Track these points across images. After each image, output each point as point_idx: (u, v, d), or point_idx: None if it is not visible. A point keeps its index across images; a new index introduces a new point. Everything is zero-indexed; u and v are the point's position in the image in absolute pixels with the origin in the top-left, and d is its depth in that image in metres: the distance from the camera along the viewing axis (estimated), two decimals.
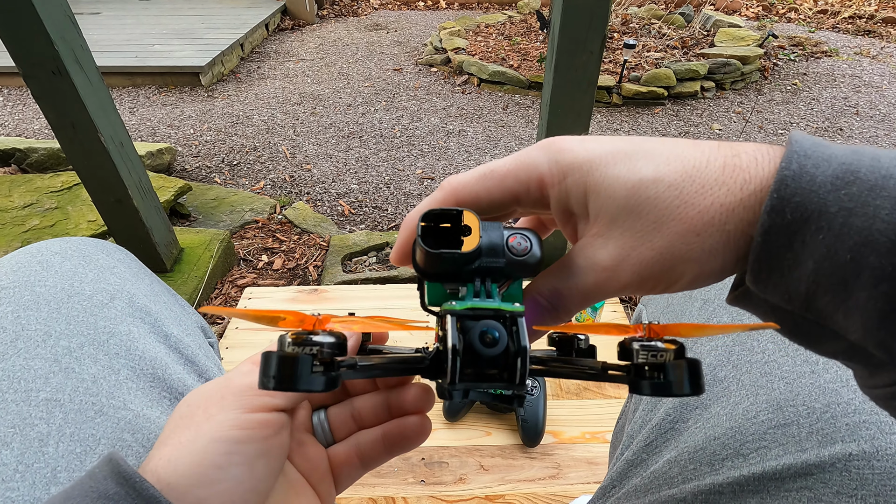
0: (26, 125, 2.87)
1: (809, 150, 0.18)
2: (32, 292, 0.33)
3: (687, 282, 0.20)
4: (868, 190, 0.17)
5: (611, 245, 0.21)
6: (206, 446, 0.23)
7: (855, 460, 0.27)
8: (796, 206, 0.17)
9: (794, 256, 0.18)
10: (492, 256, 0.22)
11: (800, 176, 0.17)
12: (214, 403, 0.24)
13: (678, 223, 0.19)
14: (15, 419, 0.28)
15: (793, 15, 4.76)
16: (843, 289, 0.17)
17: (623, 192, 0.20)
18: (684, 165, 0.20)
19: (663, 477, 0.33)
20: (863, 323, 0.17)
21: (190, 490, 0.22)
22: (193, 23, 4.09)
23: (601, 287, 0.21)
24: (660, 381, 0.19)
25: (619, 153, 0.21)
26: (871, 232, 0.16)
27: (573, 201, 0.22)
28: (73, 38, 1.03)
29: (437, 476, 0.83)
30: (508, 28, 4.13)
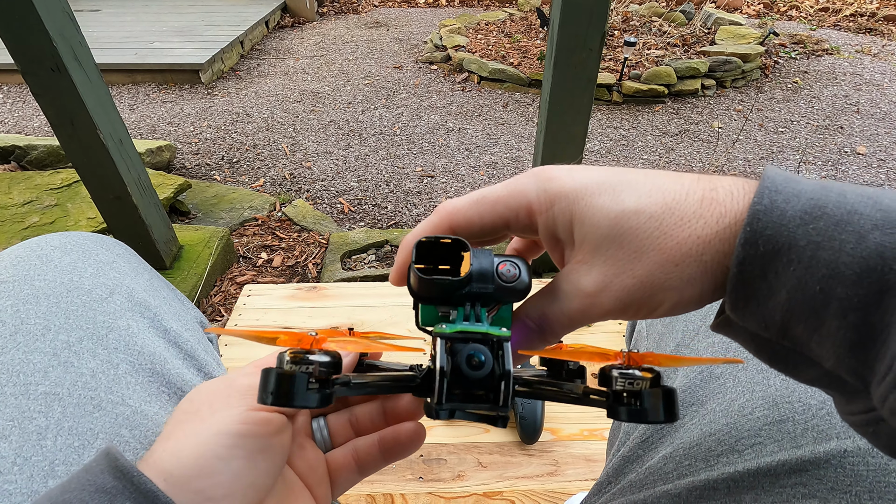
0: (26, 122, 2.87)
1: (780, 186, 0.19)
2: (32, 286, 0.33)
3: (667, 309, 0.21)
4: (834, 225, 0.17)
5: (594, 272, 0.22)
6: (210, 438, 0.23)
7: (850, 457, 0.27)
8: (768, 238, 0.18)
9: (768, 286, 0.19)
10: (482, 282, 0.23)
11: (771, 210, 0.18)
12: (220, 400, 0.25)
13: (658, 253, 0.20)
14: (14, 412, 0.28)
15: (794, 13, 4.76)
16: (815, 318, 0.18)
17: (606, 222, 0.21)
18: (664, 198, 0.21)
19: (658, 472, 0.33)
20: (835, 351, 0.18)
21: (192, 480, 0.22)
22: (193, 20, 4.09)
23: (585, 312, 0.22)
24: (636, 408, 0.20)
25: (604, 184, 0.22)
26: (838, 265, 0.17)
27: (560, 229, 0.23)
28: (71, 34, 1.03)
29: (435, 473, 0.83)
30: (509, 26, 4.12)
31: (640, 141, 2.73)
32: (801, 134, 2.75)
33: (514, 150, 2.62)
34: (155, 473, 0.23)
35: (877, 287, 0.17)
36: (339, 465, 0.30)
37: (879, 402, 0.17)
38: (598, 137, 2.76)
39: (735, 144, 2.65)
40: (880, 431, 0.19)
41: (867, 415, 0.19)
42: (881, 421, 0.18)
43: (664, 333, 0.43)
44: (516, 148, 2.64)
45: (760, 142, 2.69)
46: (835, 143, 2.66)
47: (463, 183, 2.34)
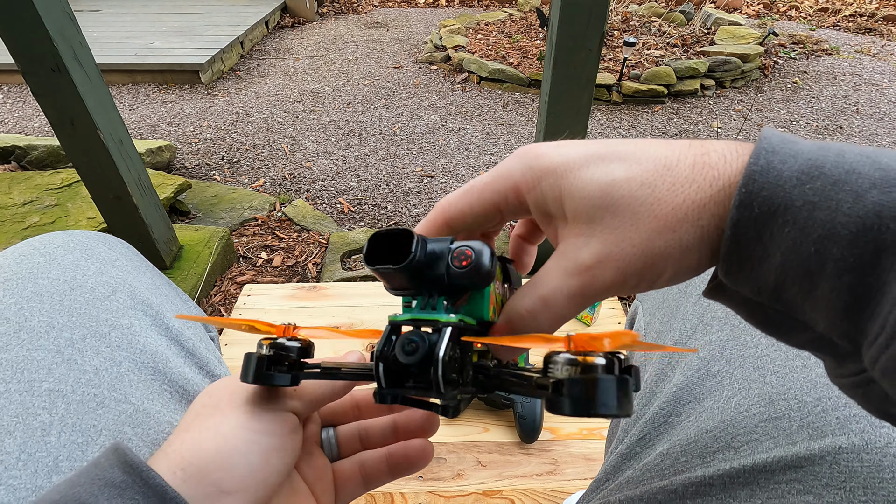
0: (26, 122, 2.87)
1: (777, 147, 0.18)
2: (35, 284, 0.33)
3: (668, 278, 0.21)
4: (832, 184, 0.17)
5: (593, 243, 0.21)
6: (231, 432, 0.24)
7: (844, 453, 0.27)
8: (763, 200, 0.18)
9: (762, 249, 0.18)
10: (433, 269, 0.22)
11: (767, 171, 0.18)
12: (240, 396, 0.26)
13: (654, 220, 0.20)
14: (18, 409, 0.28)
15: (793, 13, 4.76)
16: (808, 280, 0.18)
17: (597, 192, 0.21)
18: (655, 165, 0.20)
19: (655, 469, 0.33)
20: (827, 313, 0.18)
21: (210, 472, 0.23)
22: (193, 20, 4.09)
23: (587, 288, 0.21)
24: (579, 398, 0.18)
25: (592, 156, 0.22)
26: (834, 225, 0.17)
27: (550, 204, 0.22)
28: (72, 34, 1.03)
29: (434, 472, 0.83)
30: (509, 26, 4.12)
31: None
32: (801, 134, 2.75)
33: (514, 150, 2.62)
34: (173, 463, 0.23)
35: (872, 247, 0.16)
36: (345, 476, 0.31)
37: (870, 364, 0.17)
38: (598, 137, 2.76)
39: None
40: (870, 393, 0.19)
41: (858, 377, 0.19)
42: (871, 382, 0.18)
43: (662, 332, 0.43)
44: (516, 148, 2.64)
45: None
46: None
47: (463, 183, 2.35)
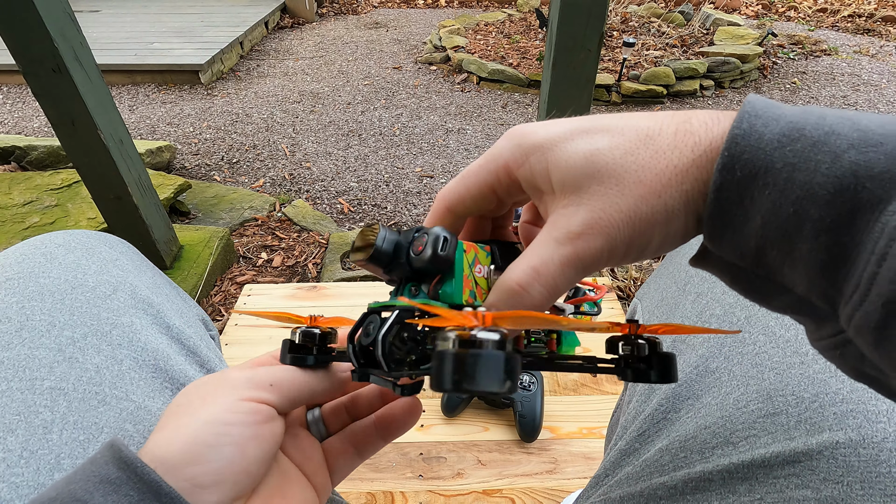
0: (26, 123, 2.87)
1: (761, 111, 0.19)
2: (37, 283, 0.34)
3: (656, 246, 0.22)
4: (811, 146, 0.17)
5: (581, 211, 0.21)
6: (200, 427, 0.24)
7: (842, 448, 0.27)
8: (745, 163, 0.18)
9: (744, 212, 0.18)
10: (400, 258, 0.24)
11: (749, 134, 0.18)
12: (211, 392, 0.26)
13: (639, 186, 0.20)
14: (20, 407, 0.28)
15: (792, 13, 4.77)
16: (787, 242, 0.18)
17: (582, 162, 0.21)
18: (638, 134, 0.21)
19: (655, 465, 0.34)
20: (806, 274, 0.18)
21: (183, 467, 0.22)
22: (193, 21, 4.09)
23: (578, 257, 0.21)
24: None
25: (576, 130, 0.22)
26: (812, 185, 0.17)
27: (538, 179, 0.23)
28: (72, 35, 1.03)
29: (434, 471, 0.83)
30: (508, 26, 4.13)
31: None
32: None
33: None
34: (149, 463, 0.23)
35: (849, 206, 0.17)
36: (336, 451, 0.31)
37: (846, 322, 0.18)
38: None
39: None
40: (847, 354, 0.19)
41: (835, 338, 0.19)
42: (848, 343, 0.19)
43: None
44: None
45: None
46: None
47: None
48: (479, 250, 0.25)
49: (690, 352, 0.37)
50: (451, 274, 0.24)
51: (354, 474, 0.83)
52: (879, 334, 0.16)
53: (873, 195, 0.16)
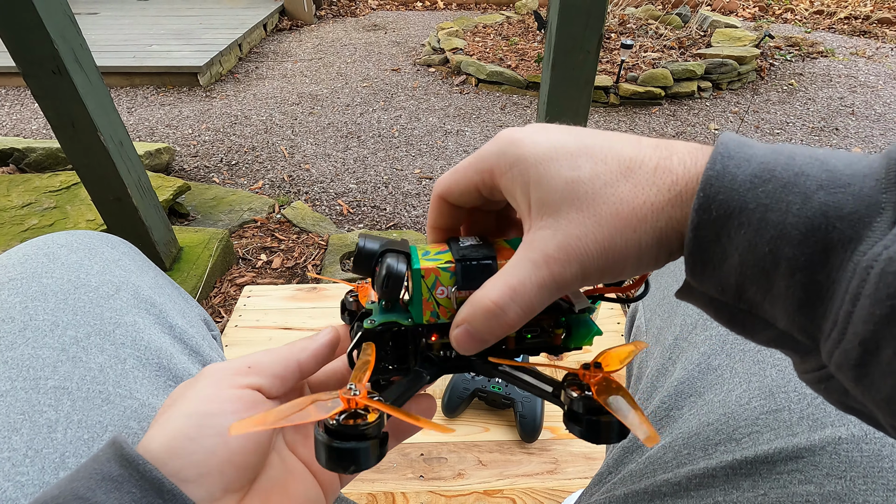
0: (24, 125, 2.87)
1: (733, 151, 0.19)
2: (40, 283, 0.34)
3: (629, 273, 0.22)
4: (782, 187, 0.18)
5: (559, 235, 0.22)
6: (180, 420, 0.24)
7: (844, 443, 0.27)
8: (720, 203, 0.19)
9: (721, 250, 0.19)
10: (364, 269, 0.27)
11: (723, 175, 0.19)
12: (192, 385, 0.26)
13: (615, 218, 0.21)
14: (24, 406, 0.28)
15: (789, 15, 4.79)
16: (765, 279, 0.18)
17: (563, 186, 0.22)
18: (619, 164, 0.22)
19: (658, 462, 0.34)
20: (785, 310, 0.19)
21: (167, 461, 0.22)
22: (191, 23, 4.09)
23: (554, 279, 0.22)
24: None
25: (561, 149, 0.23)
26: (785, 226, 0.18)
27: (518, 192, 0.24)
28: (72, 37, 1.03)
29: (435, 471, 0.83)
30: (506, 28, 4.14)
31: None
32: (797, 135, 2.77)
33: None
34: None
35: (821, 246, 0.17)
36: None
37: (827, 358, 0.18)
38: None
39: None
40: (831, 388, 0.20)
41: (819, 372, 0.20)
42: (832, 377, 0.19)
43: (663, 328, 0.43)
44: None
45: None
46: (830, 144, 2.68)
47: None
48: (442, 272, 0.25)
49: (693, 349, 0.38)
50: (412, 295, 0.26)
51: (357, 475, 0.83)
52: (858, 371, 0.17)
53: (844, 235, 0.17)
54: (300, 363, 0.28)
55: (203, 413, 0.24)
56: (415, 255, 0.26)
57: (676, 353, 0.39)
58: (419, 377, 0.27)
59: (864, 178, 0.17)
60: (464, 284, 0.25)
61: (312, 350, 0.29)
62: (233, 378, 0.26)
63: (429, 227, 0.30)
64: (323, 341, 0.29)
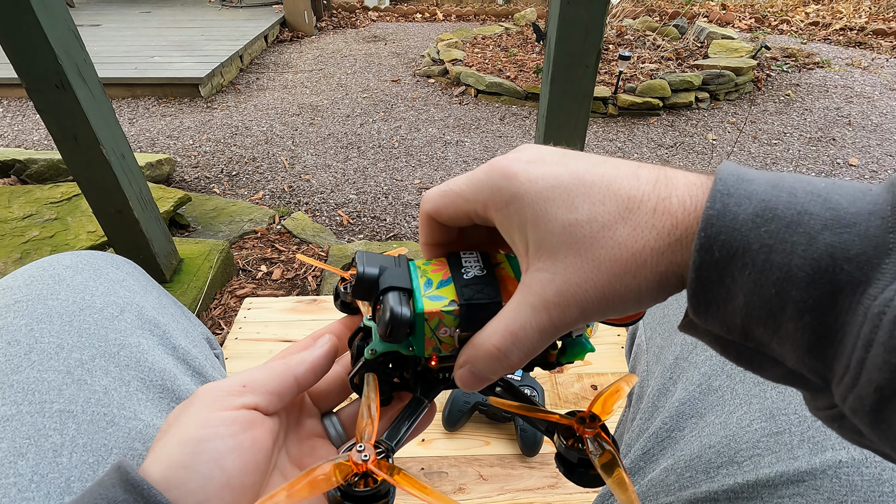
0: (26, 136, 2.88)
1: (732, 188, 0.19)
2: (45, 305, 0.34)
3: (630, 310, 0.22)
4: (785, 227, 0.17)
5: (558, 280, 0.21)
6: (172, 449, 0.23)
7: (844, 467, 0.27)
8: (722, 244, 0.18)
9: (726, 291, 0.19)
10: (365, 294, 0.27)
11: (723, 215, 0.18)
12: (183, 410, 0.25)
13: (614, 264, 0.21)
14: (30, 430, 0.28)
15: (785, 27, 4.84)
16: (772, 320, 0.18)
17: (560, 230, 0.21)
18: (618, 206, 0.21)
19: (661, 485, 0.34)
20: (794, 351, 0.18)
21: (165, 492, 0.22)
22: (193, 34, 4.13)
23: (554, 323, 0.22)
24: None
25: (558, 188, 0.22)
26: (791, 268, 0.17)
27: (515, 230, 0.23)
28: (76, 52, 1.04)
29: (436, 486, 0.83)
30: (505, 40, 4.18)
31: (635, 153, 2.76)
32: (795, 146, 2.79)
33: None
34: None
35: (829, 288, 0.17)
36: None
37: (841, 402, 0.18)
38: (595, 150, 2.79)
39: (730, 157, 2.68)
40: (845, 426, 0.19)
41: (832, 410, 0.19)
42: (845, 416, 0.19)
43: (663, 347, 0.43)
44: None
45: (755, 153, 2.73)
46: (827, 154, 2.69)
47: None
48: (445, 315, 0.25)
49: (693, 370, 0.38)
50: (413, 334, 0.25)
51: None
52: (875, 417, 0.16)
53: (853, 277, 0.16)
54: (297, 378, 0.28)
55: (197, 439, 0.23)
56: (416, 288, 0.26)
57: (677, 372, 0.39)
58: (419, 404, 0.28)
59: (869, 215, 0.17)
60: (467, 327, 0.25)
61: (310, 363, 0.28)
62: (227, 399, 0.25)
63: (422, 245, 0.29)
64: (320, 353, 0.29)
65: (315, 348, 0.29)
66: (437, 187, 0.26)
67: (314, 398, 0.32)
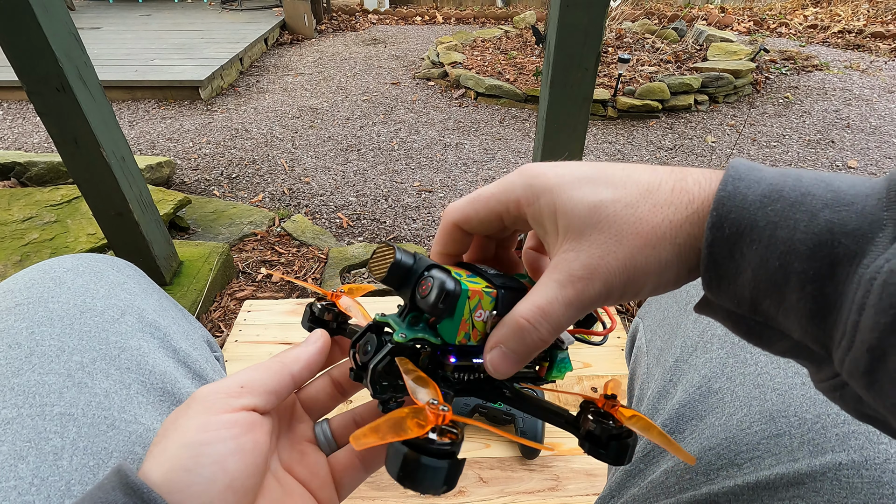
0: (26, 139, 2.88)
1: (743, 174, 0.21)
2: (46, 308, 0.34)
3: (649, 290, 0.23)
4: (790, 206, 0.19)
5: (583, 256, 0.23)
6: (175, 452, 0.23)
7: (845, 469, 0.28)
8: (732, 221, 0.20)
9: (735, 265, 0.20)
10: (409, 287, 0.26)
11: (734, 196, 0.20)
12: (182, 413, 0.25)
13: (636, 237, 0.22)
14: (30, 433, 0.28)
15: (783, 30, 4.85)
16: (777, 292, 0.19)
17: (586, 210, 0.23)
18: (639, 188, 0.23)
19: (660, 486, 0.34)
20: (798, 321, 0.19)
21: (167, 495, 0.22)
22: (193, 37, 4.14)
23: (579, 297, 0.23)
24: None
25: (583, 178, 0.24)
26: (793, 242, 0.19)
27: (546, 219, 0.25)
28: (77, 55, 1.04)
29: None
30: (505, 42, 4.19)
31: (635, 155, 2.77)
32: (794, 148, 2.79)
33: (511, 165, 2.64)
34: None
35: (828, 260, 0.18)
36: (343, 466, 0.30)
37: (839, 366, 0.19)
38: (594, 152, 2.80)
39: (729, 159, 2.69)
40: (846, 395, 0.20)
41: (834, 380, 0.20)
42: (846, 385, 0.20)
43: (664, 349, 0.43)
44: (513, 163, 2.67)
45: (754, 156, 2.73)
46: (826, 156, 2.70)
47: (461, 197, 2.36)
48: (485, 296, 0.26)
49: (693, 372, 0.38)
50: (451, 315, 0.25)
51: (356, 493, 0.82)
52: (869, 378, 0.18)
53: (849, 249, 0.18)
54: (293, 375, 0.28)
55: (197, 442, 0.23)
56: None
57: (677, 375, 0.39)
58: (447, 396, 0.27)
59: (866, 197, 0.18)
60: (502, 310, 0.26)
61: (306, 360, 0.28)
62: (226, 401, 0.25)
63: (437, 254, 0.30)
64: (314, 349, 0.29)
65: (309, 344, 0.29)
66: (463, 198, 0.28)
67: (304, 405, 0.32)
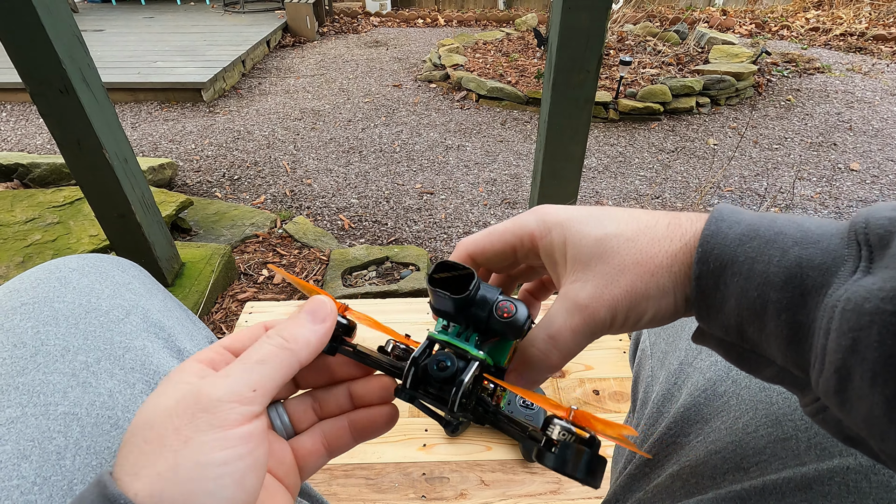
0: (29, 140, 2.89)
1: (726, 216, 0.24)
2: (51, 308, 0.34)
3: (648, 319, 0.25)
4: (765, 243, 0.22)
5: (588, 286, 0.25)
6: (194, 473, 0.21)
7: (852, 473, 0.27)
8: (716, 256, 0.23)
9: (721, 296, 0.23)
10: (480, 308, 0.27)
11: (717, 234, 0.23)
12: (187, 423, 0.22)
13: (637, 267, 0.25)
14: (34, 433, 0.28)
15: (785, 32, 4.85)
16: (758, 320, 0.22)
17: (592, 243, 0.26)
18: (639, 224, 0.26)
19: (666, 491, 0.34)
20: (778, 347, 0.22)
21: None
22: (195, 40, 4.15)
23: (586, 324, 0.25)
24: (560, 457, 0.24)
25: (590, 216, 0.27)
26: (769, 274, 0.21)
27: (556, 251, 0.28)
28: (80, 57, 1.05)
29: (437, 491, 0.83)
30: (506, 45, 4.19)
31: (636, 158, 2.77)
32: (796, 151, 2.79)
33: (513, 167, 2.64)
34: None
35: (799, 290, 0.21)
36: (307, 451, 0.29)
37: (815, 388, 0.20)
38: (596, 154, 2.80)
39: (731, 161, 2.68)
40: (828, 418, 0.22)
41: (816, 404, 0.22)
42: (826, 408, 0.21)
43: (668, 352, 0.43)
44: (514, 165, 2.67)
45: (756, 158, 2.73)
46: (829, 159, 2.70)
47: (462, 199, 2.36)
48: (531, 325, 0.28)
49: (698, 375, 0.38)
50: (520, 337, 0.28)
51: (356, 495, 0.82)
52: (839, 397, 0.19)
53: (816, 281, 0.20)
54: (301, 363, 0.26)
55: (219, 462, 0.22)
56: None
57: (682, 378, 0.39)
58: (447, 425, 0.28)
59: (831, 236, 0.21)
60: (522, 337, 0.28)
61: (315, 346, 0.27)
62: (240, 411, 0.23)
63: None
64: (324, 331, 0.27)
65: (317, 326, 0.27)
66: (478, 232, 0.31)
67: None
